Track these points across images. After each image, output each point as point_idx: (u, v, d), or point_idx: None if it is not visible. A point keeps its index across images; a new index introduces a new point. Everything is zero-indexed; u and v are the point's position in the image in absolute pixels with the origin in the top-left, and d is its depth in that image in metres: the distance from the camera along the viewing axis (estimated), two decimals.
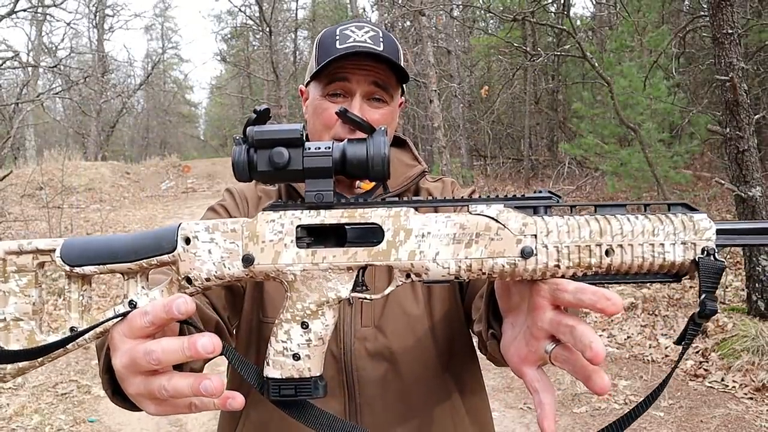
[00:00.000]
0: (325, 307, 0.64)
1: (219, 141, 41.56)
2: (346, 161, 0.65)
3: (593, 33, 14.87)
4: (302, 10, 33.06)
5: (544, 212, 0.64)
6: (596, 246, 0.61)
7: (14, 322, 0.64)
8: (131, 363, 0.62)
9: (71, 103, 22.53)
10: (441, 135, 9.47)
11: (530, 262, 0.61)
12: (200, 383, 0.60)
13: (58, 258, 0.65)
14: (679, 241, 0.61)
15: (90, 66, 25.72)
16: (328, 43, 1.09)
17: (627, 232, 0.61)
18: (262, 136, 0.63)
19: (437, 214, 0.64)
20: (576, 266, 0.61)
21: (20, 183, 15.27)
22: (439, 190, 1.21)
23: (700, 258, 0.61)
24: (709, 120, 7.51)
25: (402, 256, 0.62)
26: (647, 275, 0.63)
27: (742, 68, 4.51)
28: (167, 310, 0.60)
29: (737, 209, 4.78)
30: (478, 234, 0.62)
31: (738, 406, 3.68)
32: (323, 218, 0.63)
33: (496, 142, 17.23)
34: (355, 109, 1.05)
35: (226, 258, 0.63)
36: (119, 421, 3.87)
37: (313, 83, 1.12)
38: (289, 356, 0.64)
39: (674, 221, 0.62)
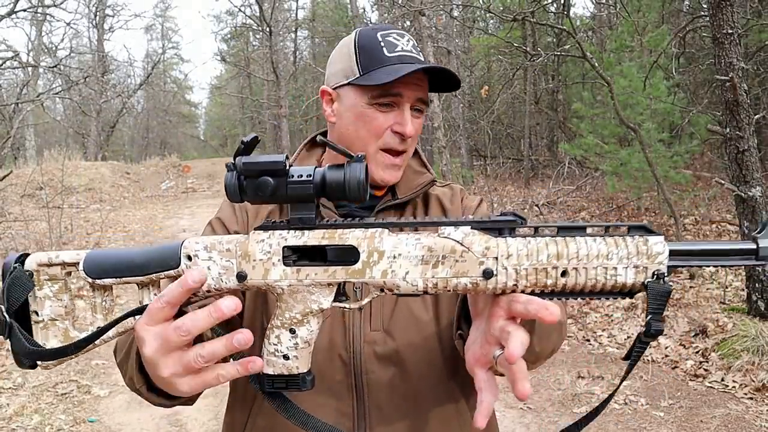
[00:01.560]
0: (310, 316, 0.72)
1: (219, 141, 41.55)
2: (326, 186, 0.70)
3: (593, 33, 14.88)
4: (302, 10, 33.08)
5: (509, 233, 0.69)
6: (553, 268, 0.66)
7: (51, 322, 0.75)
8: (163, 343, 0.69)
9: (71, 103, 22.53)
10: (441, 135, 9.47)
11: (491, 282, 0.67)
12: (233, 338, 0.68)
13: (82, 271, 0.75)
14: (632, 265, 0.66)
15: (90, 66, 25.72)
16: (371, 48, 1.08)
17: (582, 256, 0.66)
18: (248, 167, 0.69)
19: (408, 236, 0.70)
20: (533, 285, 0.67)
21: (20, 183, 15.26)
22: (447, 197, 1.21)
23: (649, 282, 0.66)
24: (709, 120, 7.51)
25: (375, 274, 0.69)
26: (600, 293, 0.68)
27: (742, 68, 4.51)
28: (183, 284, 0.68)
29: (737, 209, 4.78)
30: (445, 256, 0.68)
31: (738, 406, 3.68)
32: (306, 239, 0.71)
33: (496, 142, 17.23)
34: (408, 121, 1.07)
35: (223, 274, 0.71)
36: (119, 421, 3.87)
37: (353, 88, 1.09)
38: (280, 357, 0.73)
39: (629, 245, 0.67)
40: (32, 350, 0.73)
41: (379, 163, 1.10)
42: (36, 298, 0.75)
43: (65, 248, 9.08)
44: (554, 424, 3.61)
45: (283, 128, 18.73)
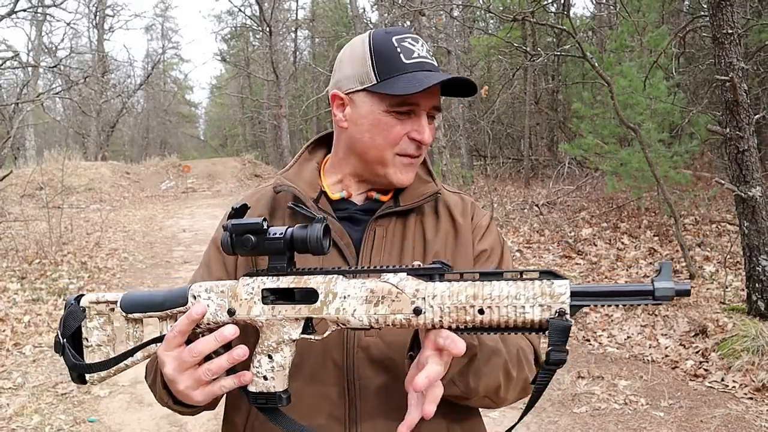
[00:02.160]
0: (283, 345, 0.89)
1: (219, 141, 41.54)
2: (293, 241, 0.88)
3: (593, 33, 14.88)
4: (302, 10, 33.08)
5: (438, 278, 0.83)
6: (471, 307, 0.79)
7: (97, 347, 0.97)
8: (179, 364, 0.89)
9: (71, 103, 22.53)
10: (441, 135, 9.47)
11: (420, 318, 0.82)
12: (233, 353, 0.88)
13: (119, 309, 0.97)
14: (537, 304, 0.78)
15: (90, 66, 25.73)
16: (390, 55, 1.06)
17: (495, 296, 0.79)
18: (236, 228, 0.89)
19: (356, 281, 0.86)
20: (455, 321, 0.81)
21: (20, 183, 15.26)
22: (459, 208, 1.20)
23: (551, 319, 0.78)
24: (709, 120, 7.50)
25: (331, 311, 0.86)
26: (514, 328, 0.80)
27: (742, 68, 4.51)
28: (189, 317, 0.89)
29: (737, 209, 4.78)
30: (384, 296, 0.83)
31: (738, 406, 3.68)
32: (280, 283, 0.89)
33: (496, 142, 17.23)
34: (426, 130, 1.09)
35: (218, 310, 0.91)
36: (119, 421, 3.87)
37: (369, 95, 1.08)
38: (261, 378, 0.90)
39: (536, 287, 0.78)
40: (76, 364, 0.95)
41: (397, 166, 1.11)
42: (87, 328, 0.97)
43: (65, 248, 9.10)
44: (554, 424, 3.61)
45: (283, 128, 18.74)
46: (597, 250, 7.54)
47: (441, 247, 1.15)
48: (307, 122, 24.34)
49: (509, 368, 1.04)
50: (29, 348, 5.07)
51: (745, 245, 4.69)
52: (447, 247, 1.15)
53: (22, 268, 7.79)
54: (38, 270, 7.73)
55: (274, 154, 25.41)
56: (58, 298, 6.47)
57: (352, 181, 1.17)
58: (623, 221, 8.87)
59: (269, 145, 28.20)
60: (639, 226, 8.48)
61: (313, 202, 1.13)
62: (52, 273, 7.60)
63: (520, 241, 8.48)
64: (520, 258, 7.58)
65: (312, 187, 1.15)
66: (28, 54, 22.60)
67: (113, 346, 0.97)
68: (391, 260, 1.12)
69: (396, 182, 1.12)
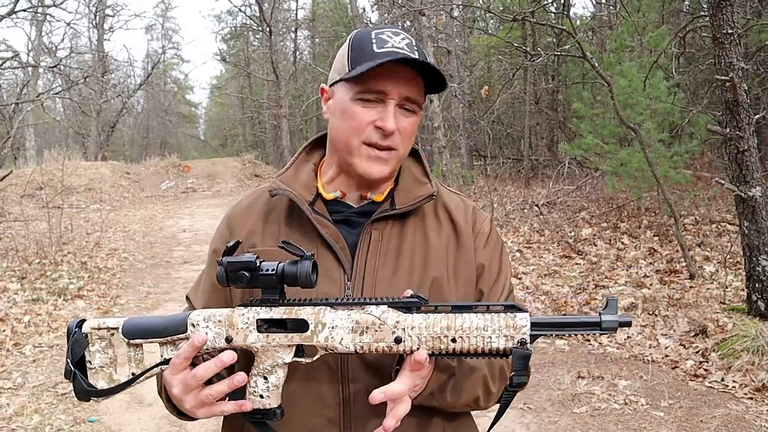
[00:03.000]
0: (277, 368, 0.98)
1: (219, 141, 41.53)
2: (284, 276, 0.95)
3: (593, 33, 14.87)
4: (302, 10, 33.08)
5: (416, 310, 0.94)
6: (445, 336, 0.91)
7: (100, 369, 1.03)
8: (184, 387, 0.98)
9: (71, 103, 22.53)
10: (441, 135, 9.48)
11: (401, 345, 0.92)
12: (233, 379, 0.96)
13: (120, 335, 1.02)
14: (502, 335, 0.90)
15: (90, 66, 25.72)
16: (363, 46, 1.07)
17: (466, 328, 0.90)
18: (231, 266, 0.96)
19: (344, 312, 0.94)
20: (431, 348, 0.92)
21: (20, 183, 15.26)
22: (461, 211, 1.19)
23: (514, 348, 0.90)
24: (709, 120, 7.50)
25: (320, 339, 0.95)
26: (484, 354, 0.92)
27: (742, 68, 4.51)
28: (191, 345, 0.97)
29: (737, 209, 4.78)
30: (368, 327, 0.93)
31: (738, 406, 3.68)
32: (273, 314, 0.97)
33: (496, 142, 17.23)
34: (391, 116, 1.06)
35: (216, 338, 0.98)
36: (119, 421, 3.87)
37: (343, 84, 1.09)
38: (257, 396, 0.99)
39: (501, 320, 0.90)
40: (88, 390, 1.02)
41: (362, 155, 1.09)
42: (90, 351, 1.03)
43: (65, 248, 9.10)
44: (554, 424, 3.61)
45: (283, 128, 18.75)
46: (597, 250, 7.55)
47: (443, 253, 1.14)
48: (307, 122, 24.34)
49: (488, 382, 1.10)
50: (29, 348, 5.07)
51: (745, 245, 4.69)
52: (449, 253, 1.14)
53: (22, 268, 7.79)
54: (38, 270, 7.73)
55: (274, 154, 25.41)
56: (58, 298, 6.47)
57: (341, 178, 1.16)
58: (623, 221, 8.87)
59: (269, 145, 28.20)
60: (639, 226, 8.48)
61: (308, 205, 1.12)
62: (52, 273, 7.61)
63: (520, 241, 8.48)
64: (520, 258, 7.58)
65: (308, 190, 1.14)
66: (28, 54, 22.60)
67: (115, 367, 1.04)
68: (387, 264, 1.10)
69: (362, 173, 1.10)
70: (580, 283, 6.35)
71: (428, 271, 1.12)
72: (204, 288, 1.20)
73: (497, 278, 1.17)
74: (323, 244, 1.11)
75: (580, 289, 6.17)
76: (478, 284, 1.16)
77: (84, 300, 6.56)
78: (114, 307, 6.39)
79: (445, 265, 1.13)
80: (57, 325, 5.67)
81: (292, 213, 1.15)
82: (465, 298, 1.14)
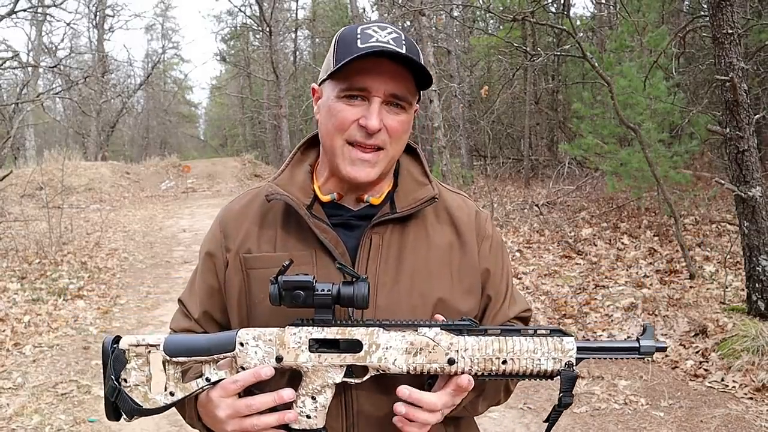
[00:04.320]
0: (326, 388, 0.98)
1: (219, 141, 41.52)
2: (340, 298, 0.96)
3: (593, 33, 14.87)
4: (302, 10, 33.06)
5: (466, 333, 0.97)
6: (496, 359, 0.95)
7: (135, 387, 1.01)
8: (234, 412, 0.97)
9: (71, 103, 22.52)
10: (441, 135, 9.47)
11: (453, 367, 0.95)
12: (284, 416, 0.98)
13: (162, 351, 1.00)
14: (551, 357, 0.95)
15: (90, 66, 25.71)
16: (348, 42, 1.03)
17: (517, 350, 0.95)
18: (287, 284, 0.96)
19: (397, 334, 0.96)
20: (482, 370, 0.96)
21: (20, 183, 15.26)
22: (463, 212, 1.16)
23: (562, 369, 0.95)
24: (709, 120, 7.50)
25: (373, 360, 0.96)
26: (531, 376, 0.97)
27: (742, 68, 4.51)
28: (255, 374, 0.96)
29: (737, 209, 4.78)
30: (421, 348, 0.95)
31: (738, 406, 3.68)
32: (326, 334, 0.97)
33: (496, 142, 17.22)
34: (374, 114, 1.02)
35: (266, 357, 0.98)
36: (119, 421, 3.86)
37: (329, 82, 1.07)
38: (304, 416, 0.99)
39: (549, 344, 0.95)
40: (135, 408, 1.01)
41: (345, 157, 1.05)
42: (126, 369, 1.01)
43: (65, 248, 9.10)
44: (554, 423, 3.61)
45: (283, 128, 18.74)
46: (597, 250, 7.54)
47: (446, 258, 1.11)
48: (307, 122, 24.33)
49: (509, 385, 1.15)
50: (29, 348, 5.07)
51: (745, 245, 4.69)
52: (452, 257, 1.12)
53: (22, 268, 7.79)
54: (38, 270, 7.73)
55: (274, 154, 25.41)
56: (58, 298, 6.47)
57: (334, 180, 1.12)
58: (623, 221, 8.87)
59: (269, 145, 28.19)
60: (639, 226, 8.48)
61: (306, 209, 1.08)
62: (52, 273, 7.60)
63: (520, 241, 8.48)
64: (520, 258, 7.58)
65: (305, 193, 1.11)
66: (28, 54, 22.60)
67: (150, 386, 1.02)
68: (388, 271, 1.07)
69: (346, 176, 1.06)
70: (580, 283, 6.35)
71: (431, 277, 1.09)
72: (200, 292, 1.17)
73: (501, 279, 1.17)
74: (322, 249, 1.07)
75: (580, 289, 6.17)
76: (486, 290, 1.14)
77: (84, 300, 6.56)
78: (114, 307, 6.39)
79: (448, 270, 1.11)
80: (57, 325, 5.67)
81: (289, 217, 1.11)
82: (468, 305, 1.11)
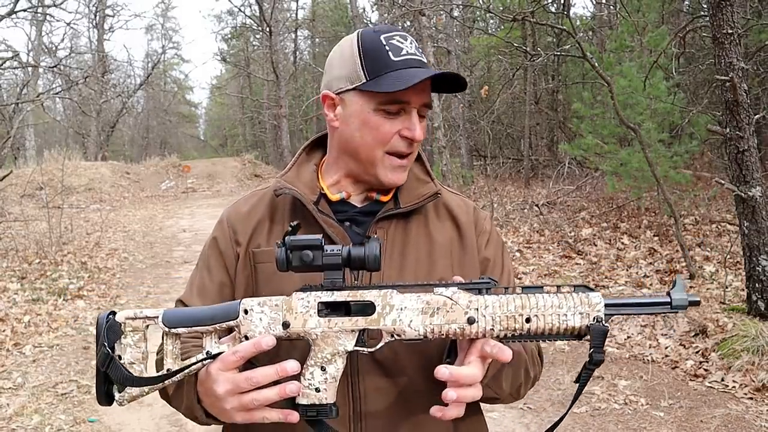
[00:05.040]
0: (337, 357, 0.91)
1: (219, 141, 41.52)
2: (351, 259, 0.91)
3: (593, 33, 14.86)
4: (302, 10, 33.05)
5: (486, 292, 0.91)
6: (519, 315, 0.88)
7: (130, 365, 0.93)
8: (233, 387, 0.90)
9: (71, 103, 22.52)
10: (441, 135, 9.47)
11: (473, 326, 0.88)
12: (285, 389, 0.89)
13: (161, 322, 0.94)
14: (578, 312, 0.88)
15: (90, 66, 25.72)
16: (377, 53, 1.06)
17: (541, 306, 0.88)
18: (294, 245, 0.91)
19: (412, 294, 0.91)
20: (505, 330, 0.89)
21: (20, 183, 15.26)
22: (462, 210, 1.20)
23: (591, 324, 0.88)
24: (709, 120, 7.50)
25: (387, 322, 0.90)
26: (557, 336, 0.90)
27: (742, 68, 4.51)
28: (255, 344, 0.89)
29: (737, 209, 4.78)
30: (439, 308, 0.89)
31: (738, 406, 3.68)
32: (336, 297, 0.91)
33: (496, 142, 17.22)
34: (417, 126, 1.08)
35: (272, 323, 0.91)
36: (119, 421, 3.87)
37: (358, 94, 1.08)
38: (312, 390, 0.91)
39: (575, 298, 0.89)
40: (128, 377, 0.92)
41: (387, 166, 1.10)
42: (122, 345, 0.94)
43: (65, 248, 9.10)
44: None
45: (283, 128, 18.75)
46: (597, 250, 7.54)
47: (447, 251, 1.14)
48: (307, 122, 24.33)
49: (528, 367, 1.11)
50: (29, 348, 5.07)
51: (745, 245, 4.69)
52: (453, 251, 1.15)
53: (22, 268, 7.79)
54: (38, 270, 7.73)
55: (274, 154, 25.41)
56: (58, 298, 6.47)
57: (348, 182, 1.17)
58: (623, 221, 8.87)
59: (269, 145, 28.19)
60: (639, 226, 8.47)
61: (313, 204, 1.12)
62: (52, 273, 7.60)
63: (520, 241, 8.48)
64: (520, 258, 7.58)
65: (312, 190, 1.15)
66: (28, 54, 22.60)
67: (146, 365, 0.95)
68: (393, 263, 1.11)
69: (386, 182, 1.12)
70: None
71: (434, 270, 1.12)
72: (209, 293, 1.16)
73: (501, 274, 1.18)
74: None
75: None
76: None
77: (84, 300, 6.56)
78: (114, 308, 6.38)
79: (450, 263, 1.14)
80: (57, 325, 5.67)
81: (296, 212, 1.15)
82: None
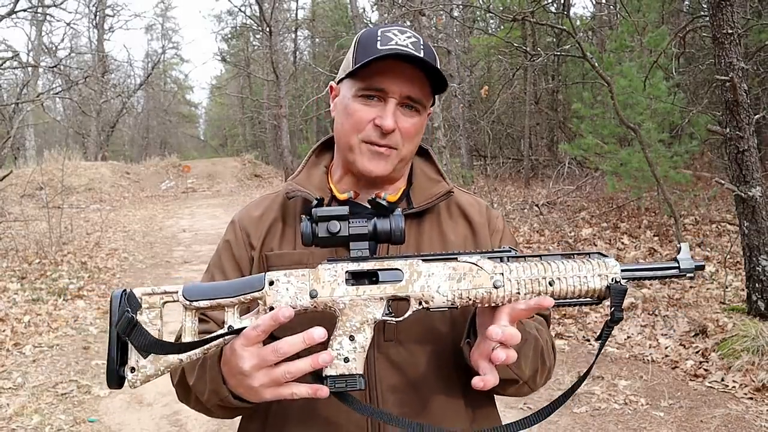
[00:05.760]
0: (365, 325, 0.91)
1: (219, 141, 41.53)
2: (377, 231, 0.92)
3: (593, 33, 14.87)
4: (302, 10, 33.05)
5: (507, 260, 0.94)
6: (543, 278, 0.92)
7: None
8: (260, 361, 0.87)
9: (71, 103, 22.52)
10: (441, 135, 9.47)
11: (500, 290, 0.91)
12: (318, 358, 0.87)
13: (181, 296, 0.91)
14: (597, 274, 0.92)
15: (90, 66, 25.70)
16: (368, 43, 1.07)
17: (562, 270, 0.92)
18: (321, 216, 0.91)
19: (438, 262, 0.92)
20: (530, 293, 0.91)
21: (20, 183, 15.26)
22: (475, 209, 1.20)
23: (611, 284, 0.92)
24: (709, 120, 7.50)
25: (416, 289, 0.91)
26: (579, 298, 0.93)
27: (742, 68, 4.51)
28: (274, 318, 0.86)
29: (737, 209, 4.78)
30: (465, 273, 0.91)
31: (738, 406, 3.68)
32: (363, 267, 0.92)
33: (496, 142, 17.22)
34: (389, 115, 1.05)
35: (299, 293, 0.90)
36: (119, 421, 3.87)
37: (347, 81, 1.10)
38: (341, 360, 0.90)
39: (592, 262, 0.94)
40: (154, 341, 0.87)
41: (364, 153, 1.09)
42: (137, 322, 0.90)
43: (65, 248, 9.10)
44: (554, 424, 3.61)
45: (283, 128, 18.73)
46: (597, 250, 7.53)
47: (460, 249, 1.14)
48: (307, 122, 24.33)
49: (545, 355, 1.11)
50: (29, 348, 5.07)
51: (745, 245, 4.69)
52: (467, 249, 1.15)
53: (22, 268, 7.79)
54: (38, 270, 7.73)
55: (274, 154, 25.41)
56: (58, 298, 6.47)
57: (348, 177, 1.16)
58: (623, 221, 8.87)
59: (269, 145, 28.20)
60: (639, 226, 8.47)
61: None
62: (52, 273, 7.60)
63: (520, 241, 8.48)
64: None
65: (322, 191, 1.15)
66: (28, 54, 22.61)
67: None
68: None
69: (363, 171, 1.10)
70: None
71: None
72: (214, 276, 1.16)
73: None
74: None
75: None
76: None
77: (84, 300, 6.56)
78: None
79: None
80: (57, 325, 5.67)
81: None
82: None
